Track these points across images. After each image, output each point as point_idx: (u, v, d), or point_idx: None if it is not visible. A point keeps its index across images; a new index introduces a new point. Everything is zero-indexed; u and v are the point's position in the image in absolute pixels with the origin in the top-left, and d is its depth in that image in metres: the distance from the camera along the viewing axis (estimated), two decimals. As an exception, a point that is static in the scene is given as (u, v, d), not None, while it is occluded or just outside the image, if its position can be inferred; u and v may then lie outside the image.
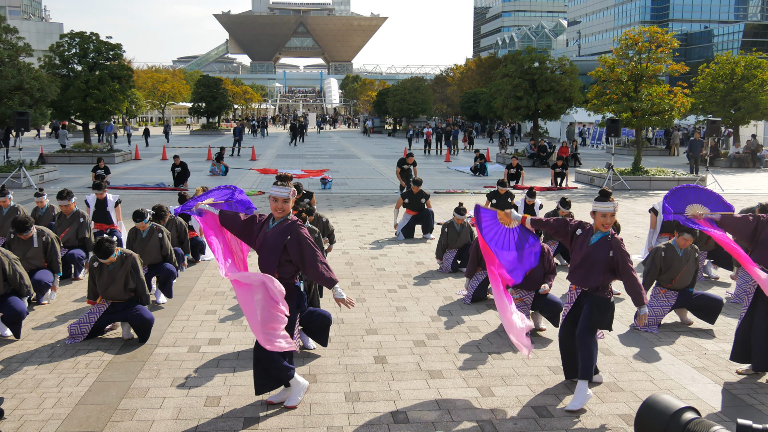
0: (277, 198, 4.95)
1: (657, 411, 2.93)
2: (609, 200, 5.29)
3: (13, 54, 19.35)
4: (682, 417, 2.85)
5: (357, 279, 9.08)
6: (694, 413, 2.87)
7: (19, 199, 15.28)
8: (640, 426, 3.00)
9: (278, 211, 4.97)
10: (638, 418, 3.04)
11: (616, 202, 5.32)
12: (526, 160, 27.50)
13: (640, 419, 3.01)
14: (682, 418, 2.85)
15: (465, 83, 60.74)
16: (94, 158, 22.41)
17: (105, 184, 10.48)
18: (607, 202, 5.27)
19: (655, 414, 2.93)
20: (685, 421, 2.83)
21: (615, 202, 5.29)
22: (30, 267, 7.61)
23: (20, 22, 69.54)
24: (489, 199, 11.82)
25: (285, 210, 4.97)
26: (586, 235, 5.38)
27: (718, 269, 9.66)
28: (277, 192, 4.95)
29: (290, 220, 5.03)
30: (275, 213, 5.00)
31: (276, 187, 4.97)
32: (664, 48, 21.34)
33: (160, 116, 68.45)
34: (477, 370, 5.89)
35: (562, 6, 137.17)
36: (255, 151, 31.76)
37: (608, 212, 5.24)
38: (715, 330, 7.10)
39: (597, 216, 5.30)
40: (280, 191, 4.94)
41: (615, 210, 5.26)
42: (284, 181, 4.98)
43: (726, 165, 28.70)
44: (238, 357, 6.13)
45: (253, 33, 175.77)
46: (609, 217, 5.24)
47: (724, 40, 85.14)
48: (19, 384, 5.48)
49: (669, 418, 2.87)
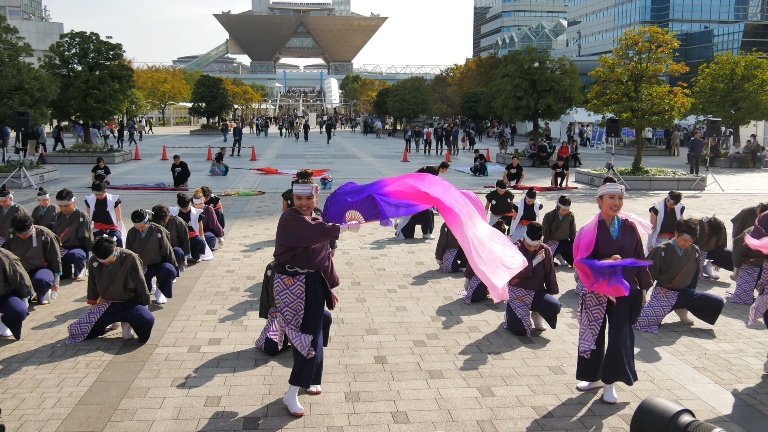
0: (301, 196, 4.86)
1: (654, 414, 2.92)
2: (614, 181, 5.24)
3: (13, 54, 19.34)
4: (680, 420, 2.85)
5: (357, 279, 9.08)
6: (690, 416, 2.87)
7: (20, 199, 15.28)
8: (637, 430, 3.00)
9: (304, 208, 4.87)
10: (634, 422, 3.04)
11: (623, 186, 5.31)
12: (526, 160, 27.49)
13: (637, 423, 3.01)
14: (680, 421, 2.85)
15: (465, 83, 60.74)
16: (94, 158, 22.40)
17: (105, 184, 10.48)
18: (615, 183, 5.19)
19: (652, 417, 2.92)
20: (684, 424, 2.83)
21: (622, 186, 5.24)
22: (30, 267, 7.61)
23: (20, 22, 69.52)
24: (489, 199, 11.82)
25: (310, 206, 4.88)
26: (604, 230, 5.20)
27: (719, 270, 9.67)
28: (300, 190, 4.86)
29: (316, 216, 4.98)
30: (302, 210, 4.88)
31: (298, 185, 4.88)
32: (664, 48, 21.33)
33: (161, 116, 68.51)
34: (477, 370, 5.89)
35: (562, 6, 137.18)
36: (255, 151, 31.76)
37: (616, 193, 5.14)
38: (715, 330, 7.10)
39: (605, 199, 5.17)
40: (303, 189, 4.85)
41: (622, 192, 5.17)
42: (305, 177, 4.89)
43: (726, 165, 28.69)
44: (238, 357, 6.13)
45: (253, 33, 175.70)
46: (617, 199, 5.13)
47: (724, 40, 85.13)
48: (19, 384, 5.48)
49: (667, 421, 2.87)
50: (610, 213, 5.21)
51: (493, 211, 11.72)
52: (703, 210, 15.52)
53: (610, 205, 5.15)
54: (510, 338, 6.77)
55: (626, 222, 5.25)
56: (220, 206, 11.92)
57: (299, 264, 4.93)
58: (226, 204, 15.39)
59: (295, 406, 5.00)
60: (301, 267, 4.94)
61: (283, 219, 4.89)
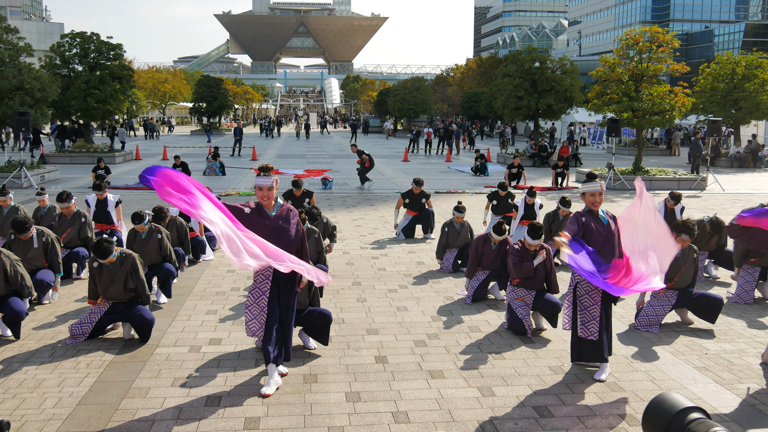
0: (262, 187, 5.38)
1: (662, 409, 2.93)
2: (595, 180, 5.72)
3: (14, 54, 19.35)
4: (685, 416, 2.85)
5: (358, 279, 9.08)
6: (699, 413, 2.86)
7: (20, 199, 15.28)
8: (647, 422, 3.00)
9: (265, 199, 5.42)
10: (645, 415, 3.04)
11: (602, 183, 5.77)
12: (526, 159, 27.49)
13: (647, 416, 3.02)
14: (685, 417, 2.84)
15: (466, 83, 60.67)
16: (95, 158, 22.41)
17: (105, 184, 10.48)
18: (594, 182, 5.71)
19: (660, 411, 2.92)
20: (688, 420, 2.83)
21: (602, 182, 5.75)
22: (30, 267, 7.61)
23: (21, 23, 69.58)
24: (490, 200, 11.81)
25: (271, 197, 5.43)
26: (593, 217, 5.72)
27: (719, 269, 9.66)
28: (261, 182, 5.39)
29: (287, 205, 5.59)
30: (263, 201, 5.43)
31: (260, 178, 5.41)
32: (664, 48, 21.34)
33: (161, 116, 68.49)
34: (478, 370, 5.89)
35: (563, 6, 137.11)
36: (255, 151, 31.77)
37: (596, 191, 5.69)
38: (715, 330, 7.10)
39: (587, 196, 5.75)
40: (264, 181, 5.38)
41: (602, 189, 5.71)
42: (266, 171, 5.42)
43: (727, 165, 28.68)
44: (239, 357, 6.13)
45: (254, 33, 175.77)
46: (597, 196, 5.70)
47: (724, 39, 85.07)
48: (19, 384, 5.49)
49: (672, 416, 2.86)
50: (592, 209, 5.77)
51: (494, 212, 11.72)
52: (703, 210, 15.52)
53: (591, 201, 5.73)
54: (511, 338, 6.77)
55: (608, 212, 5.85)
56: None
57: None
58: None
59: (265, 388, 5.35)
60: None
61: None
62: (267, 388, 5.33)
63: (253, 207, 5.42)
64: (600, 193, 5.69)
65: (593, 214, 5.75)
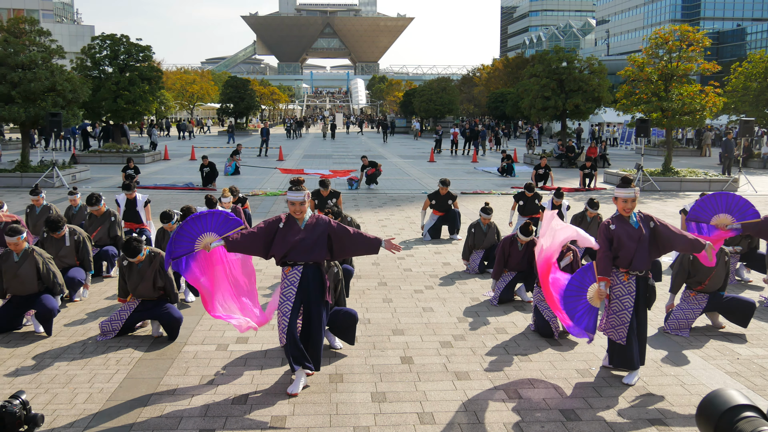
0: (294, 202, 5.44)
1: (715, 404, 2.86)
2: (630, 186, 5.62)
3: (46, 56, 19.70)
4: (736, 413, 2.78)
5: (384, 279, 9.08)
6: (753, 412, 2.79)
7: (52, 198, 15.57)
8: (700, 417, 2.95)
9: (297, 212, 5.47)
10: (699, 409, 2.99)
11: (637, 189, 5.67)
12: (554, 160, 27.26)
13: (701, 410, 2.96)
14: (736, 415, 2.77)
15: (492, 83, 60.42)
16: (125, 158, 22.74)
17: (134, 184, 10.63)
18: (629, 188, 5.61)
19: (713, 406, 2.86)
20: (738, 418, 2.76)
21: (636, 189, 5.66)
22: (62, 265, 7.76)
23: (53, 25, 70.78)
24: (516, 200, 11.73)
25: (303, 211, 5.47)
26: (622, 222, 5.63)
27: (751, 272, 9.48)
28: (294, 197, 5.44)
29: (318, 216, 5.54)
30: (296, 215, 5.48)
31: (292, 192, 5.46)
32: (695, 47, 20.97)
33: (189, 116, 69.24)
34: (504, 372, 5.85)
35: (591, 5, 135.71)
36: (282, 152, 31.97)
37: (629, 197, 5.59)
38: (747, 334, 6.96)
39: (619, 201, 5.65)
40: (296, 196, 5.43)
41: (636, 196, 5.61)
42: (297, 185, 5.48)
43: (759, 166, 28.11)
44: (266, 356, 6.18)
45: (280, 34, 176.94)
46: (630, 203, 5.60)
47: (757, 38, 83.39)
48: (51, 379, 5.59)
49: (723, 412, 2.80)
50: (623, 214, 5.68)
51: (521, 213, 11.64)
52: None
53: (623, 207, 5.64)
54: (537, 340, 6.71)
55: (640, 213, 5.71)
56: (248, 206, 12.01)
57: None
58: (254, 204, 15.51)
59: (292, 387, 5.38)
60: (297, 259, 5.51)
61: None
62: (293, 387, 5.36)
63: (284, 220, 5.49)
64: (633, 200, 5.60)
65: (623, 219, 5.66)
